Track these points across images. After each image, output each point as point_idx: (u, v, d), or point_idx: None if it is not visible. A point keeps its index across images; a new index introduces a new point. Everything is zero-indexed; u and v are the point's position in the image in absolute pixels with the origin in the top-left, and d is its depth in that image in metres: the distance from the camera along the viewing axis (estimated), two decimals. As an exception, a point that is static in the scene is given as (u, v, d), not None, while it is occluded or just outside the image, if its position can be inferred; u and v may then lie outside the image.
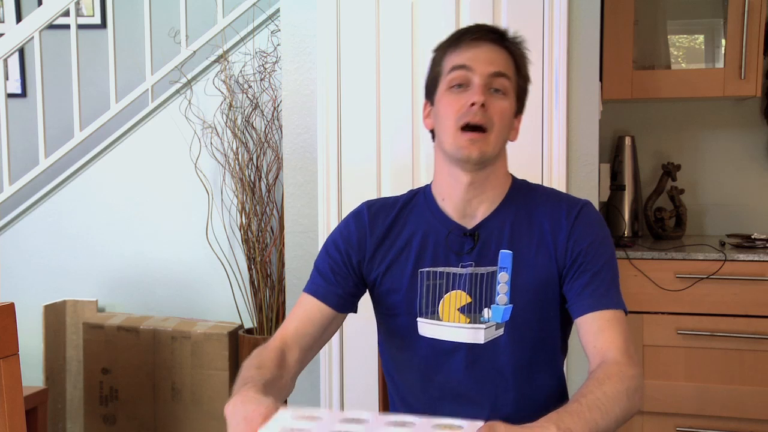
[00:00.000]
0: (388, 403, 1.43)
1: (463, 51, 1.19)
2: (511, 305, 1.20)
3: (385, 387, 1.48)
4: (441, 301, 1.23)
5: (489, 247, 1.23)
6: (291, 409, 0.98)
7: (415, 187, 1.37)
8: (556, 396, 1.29)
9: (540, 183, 2.02)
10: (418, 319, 1.24)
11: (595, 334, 1.16)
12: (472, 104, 1.16)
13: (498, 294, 1.21)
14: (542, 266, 1.21)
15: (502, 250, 1.22)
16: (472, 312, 1.21)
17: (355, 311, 1.31)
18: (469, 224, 1.25)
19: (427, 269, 1.23)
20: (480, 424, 0.90)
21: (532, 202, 1.26)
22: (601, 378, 1.09)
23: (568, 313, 1.23)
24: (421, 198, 1.31)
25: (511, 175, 1.31)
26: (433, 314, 1.23)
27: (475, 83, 1.17)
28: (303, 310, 1.26)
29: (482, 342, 1.21)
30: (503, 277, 1.21)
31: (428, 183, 1.33)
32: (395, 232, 1.28)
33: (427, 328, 1.23)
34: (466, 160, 1.18)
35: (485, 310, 1.21)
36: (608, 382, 1.08)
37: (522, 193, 1.28)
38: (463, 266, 1.22)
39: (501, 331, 1.21)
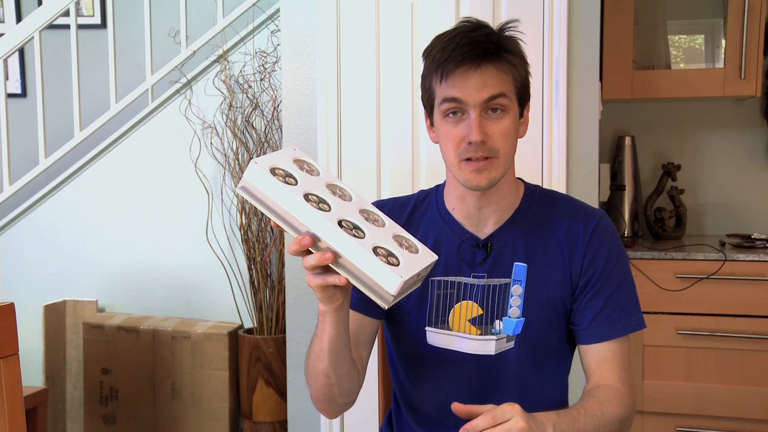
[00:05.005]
0: (388, 405, 1.43)
1: (452, 82, 1.12)
2: (523, 318, 1.19)
3: (386, 395, 1.48)
4: (451, 310, 1.21)
5: (503, 258, 1.21)
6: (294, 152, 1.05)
7: (423, 188, 1.34)
8: (559, 407, 1.28)
9: (540, 183, 2.03)
10: (427, 328, 1.22)
11: (598, 363, 1.19)
12: (470, 142, 1.12)
13: (510, 306, 1.19)
14: (556, 281, 1.20)
15: (516, 263, 1.20)
16: (483, 324, 1.19)
17: (382, 317, 1.27)
18: (482, 234, 1.22)
19: (438, 278, 1.21)
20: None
21: (548, 212, 1.23)
22: (602, 399, 1.14)
23: None
24: (432, 202, 1.28)
25: (522, 180, 1.28)
26: (443, 324, 1.21)
27: (470, 115, 1.12)
28: None
29: (493, 353, 1.20)
30: (516, 290, 1.19)
31: (438, 184, 1.30)
32: None
33: (436, 337, 1.22)
34: (475, 189, 1.16)
35: (497, 321, 1.20)
36: (608, 405, 1.13)
37: (536, 201, 1.25)
38: (475, 277, 1.20)
39: (512, 344, 1.20)
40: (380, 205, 1.30)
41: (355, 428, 2.19)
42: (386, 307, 0.96)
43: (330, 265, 0.95)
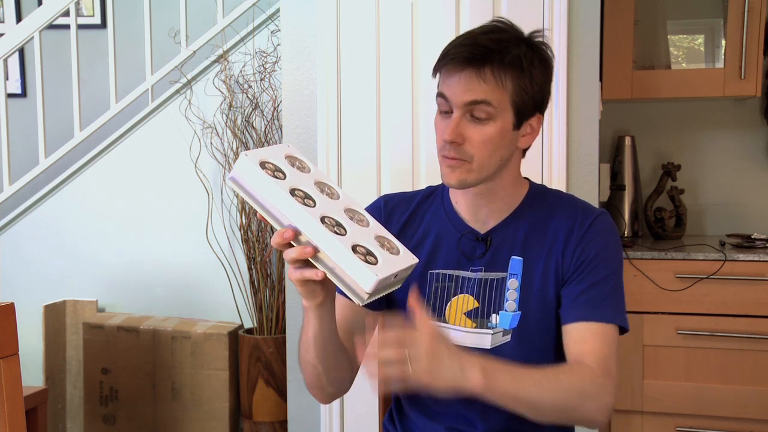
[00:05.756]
0: (388, 402, 1.43)
1: (445, 77, 1.15)
2: (519, 312, 1.19)
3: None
4: (448, 304, 1.22)
5: (501, 253, 1.22)
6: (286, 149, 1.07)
7: (423, 188, 1.36)
8: None
9: (541, 183, 2.03)
10: None
11: (576, 343, 1.15)
12: (444, 139, 1.14)
13: (507, 300, 1.20)
14: (552, 276, 1.20)
15: (513, 257, 1.21)
16: (479, 317, 1.20)
17: (381, 308, 1.29)
18: (482, 229, 1.24)
19: (437, 271, 1.23)
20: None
21: (549, 210, 1.24)
22: (565, 369, 1.10)
23: None
24: (438, 197, 1.30)
25: (528, 179, 1.29)
26: (440, 317, 1.22)
27: (453, 115, 1.14)
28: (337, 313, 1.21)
29: (488, 347, 1.20)
30: (513, 284, 1.20)
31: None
32: (411, 228, 1.28)
33: None
34: (447, 185, 1.19)
35: (493, 315, 1.20)
36: (569, 374, 1.09)
37: (539, 200, 1.25)
38: (473, 270, 1.22)
39: (508, 338, 1.20)
40: (388, 198, 1.33)
41: (356, 426, 2.19)
42: (361, 305, 0.97)
43: (310, 259, 0.97)
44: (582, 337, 1.15)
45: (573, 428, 1.33)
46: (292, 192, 0.98)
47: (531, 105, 1.17)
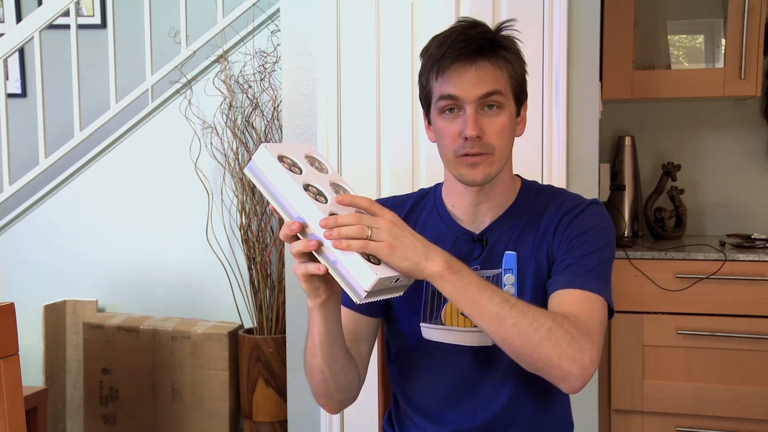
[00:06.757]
0: (388, 404, 1.43)
1: (448, 78, 1.14)
2: None
3: (386, 394, 1.48)
4: (445, 305, 1.22)
5: (496, 250, 1.22)
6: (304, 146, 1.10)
7: (425, 187, 1.35)
8: (557, 393, 1.28)
9: (541, 183, 2.03)
10: (421, 324, 1.23)
11: (555, 307, 1.12)
12: (466, 138, 1.13)
13: None
14: (543, 262, 1.20)
15: (506, 252, 1.21)
16: None
17: (380, 315, 1.29)
18: (477, 229, 1.24)
19: None
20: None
21: (543, 206, 1.24)
22: (540, 308, 1.06)
23: None
24: (431, 200, 1.30)
25: (519, 176, 1.29)
26: (436, 319, 1.22)
27: (466, 111, 1.14)
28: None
29: (490, 344, 1.20)
30: (509, 279, 1.20)
31: (438, 183, 1.31)
32: None
33: (431, 332, 1.23)
34: (471, 184, 1.18)
35: None
36: (542, 311, 1.04)
37: (533, 196, 1.26)
38: None
39: None
40: (381, 203, 1.31)
41: (356, 426, 2.19)
42: (358, 302, 0.98)
43: (314, 253, 0.98)
44: (561, 302, 1.12)
45: (572, 425, 1.33)
46: (306, 187, 1.00)
47: (522, 91, 1.21)
